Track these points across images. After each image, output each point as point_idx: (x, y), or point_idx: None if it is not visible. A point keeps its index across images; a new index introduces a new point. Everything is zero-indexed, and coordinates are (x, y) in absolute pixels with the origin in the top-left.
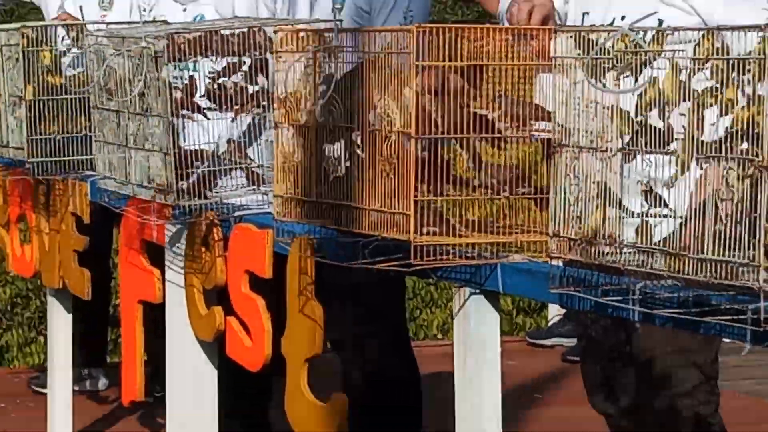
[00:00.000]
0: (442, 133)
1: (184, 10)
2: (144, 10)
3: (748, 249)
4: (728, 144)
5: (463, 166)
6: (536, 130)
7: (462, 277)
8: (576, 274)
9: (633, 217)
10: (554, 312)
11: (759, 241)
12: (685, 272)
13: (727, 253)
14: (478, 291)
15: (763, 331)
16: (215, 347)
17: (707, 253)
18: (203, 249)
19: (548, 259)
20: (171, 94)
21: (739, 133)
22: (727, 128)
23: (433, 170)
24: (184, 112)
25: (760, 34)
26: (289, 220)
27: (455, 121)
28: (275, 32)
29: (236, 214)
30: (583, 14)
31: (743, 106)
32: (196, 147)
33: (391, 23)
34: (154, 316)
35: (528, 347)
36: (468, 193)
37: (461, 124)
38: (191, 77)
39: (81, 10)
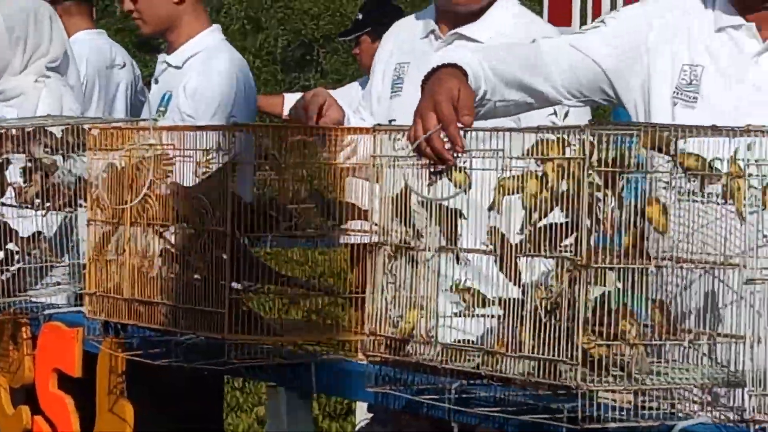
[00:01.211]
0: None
1: None
2: None
3: (567, 347)
4: (545, 242)
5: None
6: (352, 231)
7: (277, 377)
8: (392, 373)
9: (450, 316)
10: (361, 416)
11: (577, 338)
12: (503, 370)
13: (545, 351)
14: (292, 390)
15: (580, 430)
16: None
17: (525, 351)
18: (11, 347)
19: (363, 358)
20: None
21: (559, 230)
22: (541, 226)
23: (248, 268)
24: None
25: (582, 135)
26: (101, 318)
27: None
28: (90, 129)
29: (46, 312)
30: (390, 121)
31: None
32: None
33: None
34: None
35: None
36: (284, 291)
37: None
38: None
39: None
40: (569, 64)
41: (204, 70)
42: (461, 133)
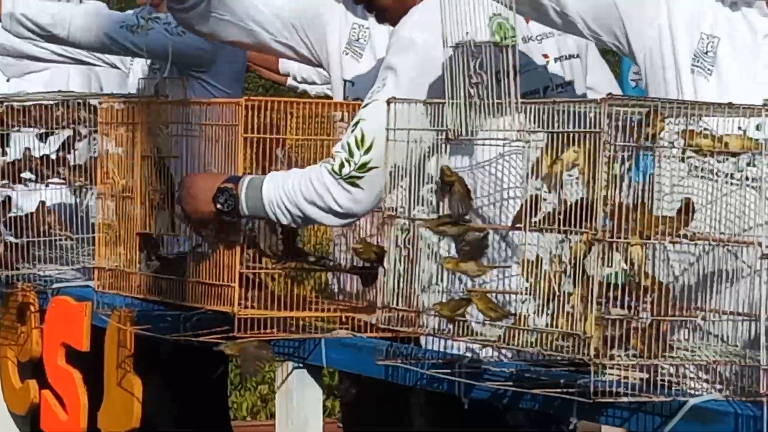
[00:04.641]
0: None
1: (8, 80)
2: None
3: (581, 322)
4: (560, 216)
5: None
6: None
7: (286, 351)
8: (402, 349)
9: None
10: None
11: (590, 313)
12: (517, 344)
13: (559, 325)
14: (301, 365)
15: (592, 404)
16: (29, 421)
17: (539, 325)
18: (19, 321)
19: (374, 333)
20: None
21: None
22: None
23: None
24: (3, 182)
25: (596, 108)
26: (110, 292)
27: None
28: (100, 104)
29: (54, 286)
30: (345, 81)
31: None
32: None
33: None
34: None
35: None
36: (298, 266)
37: None
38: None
39: None
40: None
41: None
42: None
